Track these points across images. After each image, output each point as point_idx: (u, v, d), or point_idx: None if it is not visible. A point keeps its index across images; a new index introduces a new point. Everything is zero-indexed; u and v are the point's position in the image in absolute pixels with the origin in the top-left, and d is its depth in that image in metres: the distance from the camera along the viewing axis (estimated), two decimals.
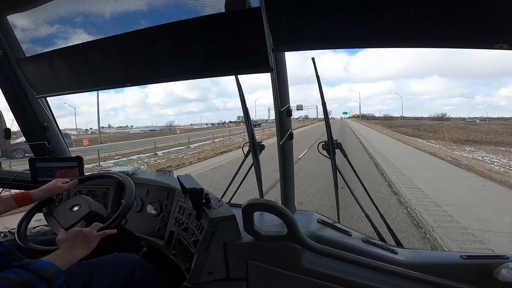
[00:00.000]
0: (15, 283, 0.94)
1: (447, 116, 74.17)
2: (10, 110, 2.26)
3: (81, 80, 2.00)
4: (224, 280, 1.38)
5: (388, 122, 62.10)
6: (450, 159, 13.93)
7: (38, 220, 1.70)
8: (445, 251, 4.04)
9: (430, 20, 1.15)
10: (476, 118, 73.70)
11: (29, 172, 2.11)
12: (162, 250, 1.77)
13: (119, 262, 1.49)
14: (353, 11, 1.22)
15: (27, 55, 2.12)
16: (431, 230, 5.24)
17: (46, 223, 1.72)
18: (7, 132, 2.16)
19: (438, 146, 21.30)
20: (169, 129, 69.04)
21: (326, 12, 1.26)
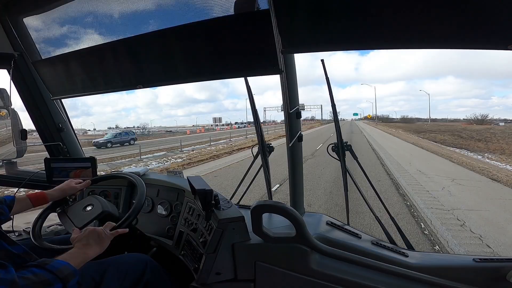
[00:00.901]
0: (32, 283, 0.96)
1: (490, 118, 57.50)
2: (26, 111, 2.32)
3: (95, 82, 2.03)
4: (231, 281, 1.38)
5: (412, 126, 49.24)
6: None
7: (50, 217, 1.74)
8: (457, 254, 3.95)
9: (443, 21, 1.13)
10: (499, 120, 57.71)
11: (44, 172, 2.16)
12: (172, 250, 1.79)
13: (130, 262, 1.51)
14: (362, 12, 1.21)
15: (43, 57, 2.16)
16: None
17: (59, 222, 1.76)
18: (23, 133, 2.21)
19: None
20: (142, 134, 53.11)
21: (335, 14, 1.25)
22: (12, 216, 1.48)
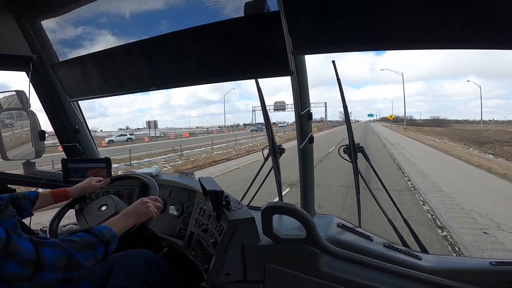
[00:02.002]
0: (79, 246, 1.03)
1: None
2: (44, 112, 2.39)
3: (110, 84, 2.07)
4: (241, 281, 1.39)
5: (459, 133, 32.14)
6: None
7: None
8: (473, 257, 3.83)
9: (447, 22, 1.11)
10: None
11: (61, 172, 2.22)
12: (182, 250, 1.81)
13: (135, 258, 1.56)
14: (373, 13, 1.20)
15: (60, 60, 2.20)
16: None
17: (75, 222, 1.80)
18: (42, 134, 2.27)
19: None
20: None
21: (346, 15, 1.24)
22: (33, 213, 1.53)
